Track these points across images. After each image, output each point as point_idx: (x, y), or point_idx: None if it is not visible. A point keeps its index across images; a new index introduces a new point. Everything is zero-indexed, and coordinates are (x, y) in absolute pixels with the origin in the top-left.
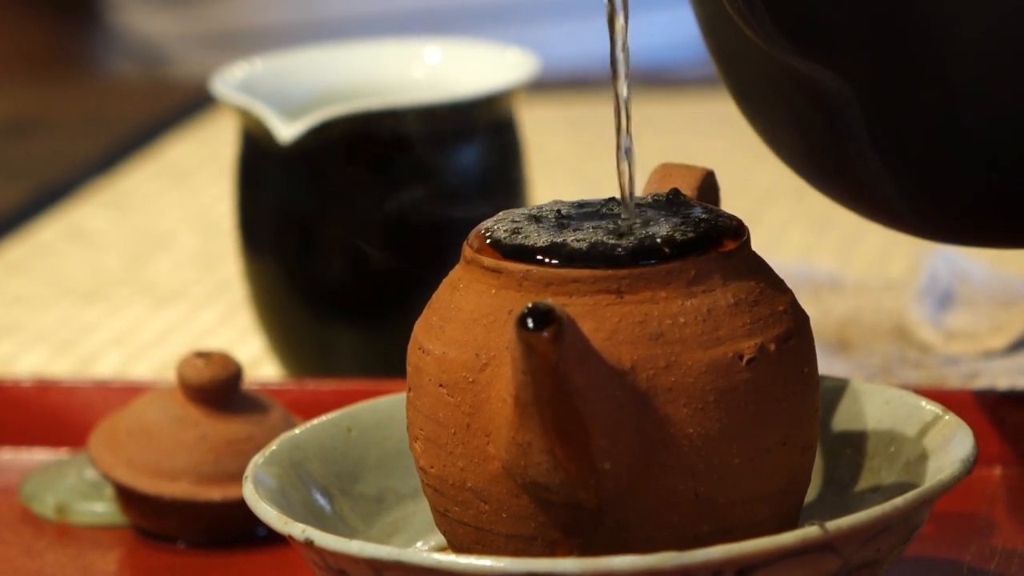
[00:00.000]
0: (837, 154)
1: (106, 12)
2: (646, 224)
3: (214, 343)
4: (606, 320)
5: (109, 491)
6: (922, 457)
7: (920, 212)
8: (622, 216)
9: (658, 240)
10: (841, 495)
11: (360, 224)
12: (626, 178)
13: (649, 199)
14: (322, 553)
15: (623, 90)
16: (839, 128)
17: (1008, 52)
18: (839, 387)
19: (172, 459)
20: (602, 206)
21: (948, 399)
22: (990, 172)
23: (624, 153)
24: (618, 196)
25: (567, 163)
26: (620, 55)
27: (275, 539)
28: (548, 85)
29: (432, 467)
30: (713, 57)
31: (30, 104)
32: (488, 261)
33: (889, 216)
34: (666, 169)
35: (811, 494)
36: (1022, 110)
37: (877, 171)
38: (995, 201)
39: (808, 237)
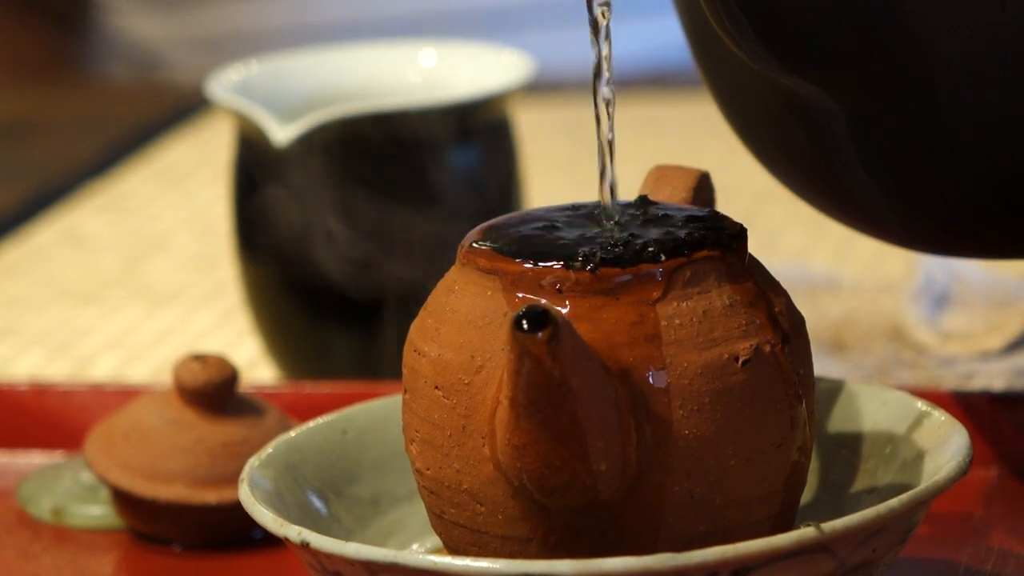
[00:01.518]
0: (823, 168)
1: (101, 16)
2: (641, 226)
3: (210, 346)
4: (601, 322)
5: (105, 494)
6: (918, 458)
7: (907, 224)
8: (617, 218)
9: (653, 242)
10: (837, 496)
11: (355, 226)
12: (607, 182)
13: (641, 202)
14: (318, 555)
15: (604, 91)
16: (825, 142)
17: (992, 64)
18: (835, 388)
19: (168, 462)
20: (597, 208)
21: (944, 400)
22: (976, 184)
23: (610, 155)
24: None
25: (563, 165)
26: (603, 56)
27: (271, 541)
28: (544, 87)
29: (428, 469)
30: (701, 70)
31: (26, 107)
32: (484, 263)
33: (877, 228)
34: (661, 171)
35: (807, 495)
36: (1007, 121)
37: (864, 184)
38: (981, 213)
39: (804, 238)
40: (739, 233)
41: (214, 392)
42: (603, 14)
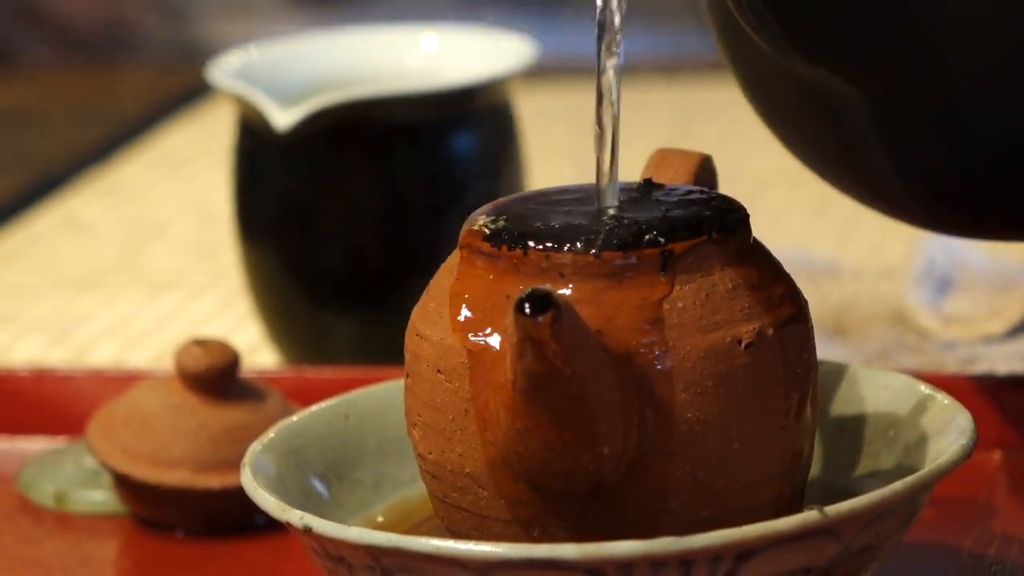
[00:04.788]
0: (848, 154)
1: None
2: (644, 209)
3: (211, 331)
4: (604, 305)
5: (107, 479)
6: (921, 441)
7: (932, 208)
8: (620, 201)
9: (656, 225)
10: (840, 480)
11: (356, 211)
12: (606, 162)
13: (644, 185)
14: (320, 540)
15: (611, 78)
16: (849, 130)
17: (1010, 51)
18: (838, 372)
19: (170, 447)
20: (600, 191)
21: (947, 384)
22: (998, 168)
23: (612, 136)
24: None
25: (564, 150)
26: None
27: (274, 526)
28: (546, 72)
29: (430, 453)
30: (726, 59)
31: (26, 94)
32: (485, 247)
33: (904, 213)
34: (663, 154)
35: (810, 479)
36: None
37: (888, 170)
38: (1005, 196)
39: (806, 223)
40: (742, 216)
41: (216, 377)
42: None
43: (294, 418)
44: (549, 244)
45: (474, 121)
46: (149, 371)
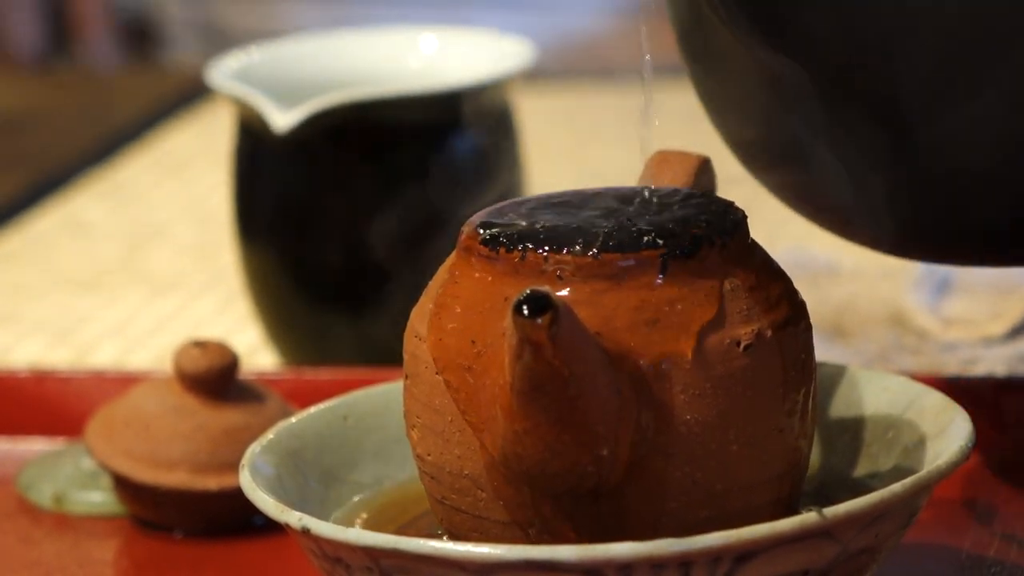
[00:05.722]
0: (808, 176)
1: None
2: (643, 211)
3: (211, 332)
4: (602, 307)
5: (106, 481)
6: (920, 443)
7: (896, 234)
8: (617, 203)
9: (655, 227)
10: (839, 481)
11: (356, 213)
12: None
13: (643, 187)
14: (319, 541)
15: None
16: (800, 125)
17: (975, 66)
18: (837, 373)
19: (169, 448)
20: (598, 194)
21: (946, 385)
22: (964, 190)
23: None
24: (613, 185)
25: (564, 152)
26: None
27: (272, 528)
28: (546, 74)
29: (429, 454)
30: (687, 62)
31: (27, 96)
32: (484, 249)
33: (854, 233)
34: (662, 156)
35: (809, 480)
36: (996, 124)
37: (848, 194)
38: (972, 220)
39: (805, 224)
40: (740, 218)
41: (215, 378)
42: None
43: (293, 419)
44: (547, 246)
45: (474, 122)
46: (148, 372)
